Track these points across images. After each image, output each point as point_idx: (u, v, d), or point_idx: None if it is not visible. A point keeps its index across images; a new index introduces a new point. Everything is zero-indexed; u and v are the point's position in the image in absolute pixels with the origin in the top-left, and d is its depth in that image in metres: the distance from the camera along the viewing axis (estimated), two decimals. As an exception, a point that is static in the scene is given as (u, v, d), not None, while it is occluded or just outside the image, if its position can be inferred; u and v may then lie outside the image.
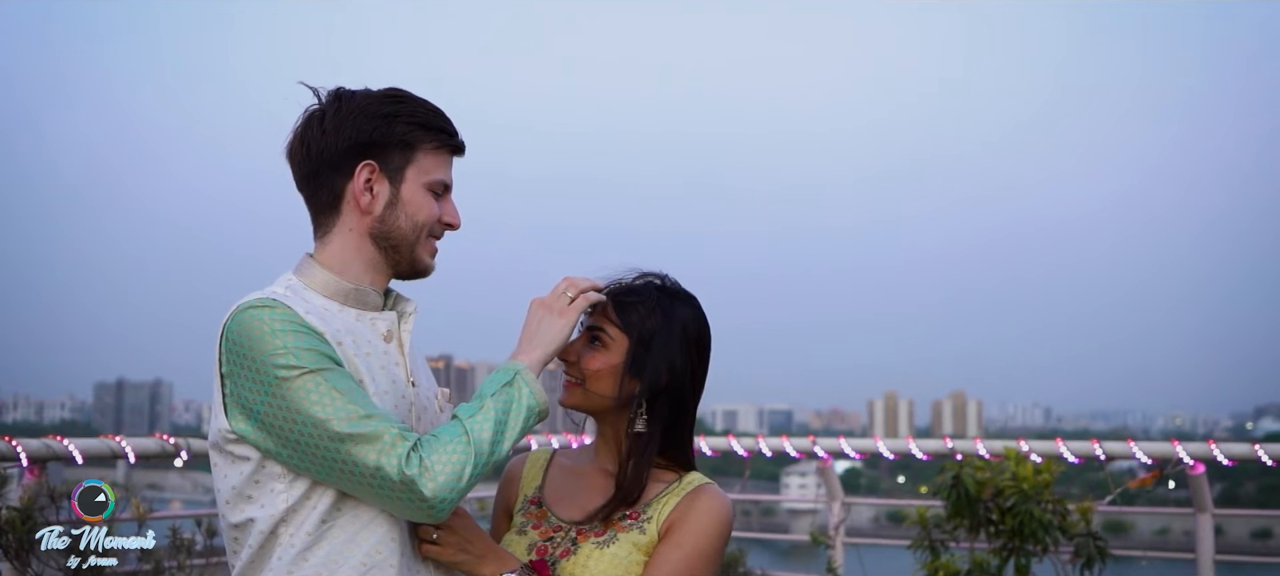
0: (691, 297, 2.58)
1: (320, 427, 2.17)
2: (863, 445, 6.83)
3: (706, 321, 2.58)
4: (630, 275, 2.57)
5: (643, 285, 2.54)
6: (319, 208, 2.41)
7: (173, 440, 5.29)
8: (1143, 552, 6.48)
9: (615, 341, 2.47)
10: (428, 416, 2.44)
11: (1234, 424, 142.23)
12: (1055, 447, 6.13)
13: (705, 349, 2.56)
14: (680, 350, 2.49)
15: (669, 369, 2.47)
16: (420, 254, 2.43)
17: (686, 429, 2.56)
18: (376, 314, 2.41)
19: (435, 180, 2.41)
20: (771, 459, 7.10)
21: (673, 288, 2.56)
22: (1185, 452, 6.00)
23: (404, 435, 2.18)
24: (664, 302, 2.52)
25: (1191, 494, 6.16)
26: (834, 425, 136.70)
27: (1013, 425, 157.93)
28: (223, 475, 2.30)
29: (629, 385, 2.47)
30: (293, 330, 2.21)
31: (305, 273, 2.40)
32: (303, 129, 2.39)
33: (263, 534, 2.25)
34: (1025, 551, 5.74)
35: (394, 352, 2.40)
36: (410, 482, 2.15)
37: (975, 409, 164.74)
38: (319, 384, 2.18)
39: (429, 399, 2.47)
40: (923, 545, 6.00)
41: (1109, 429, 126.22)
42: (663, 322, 2.49)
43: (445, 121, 2.43)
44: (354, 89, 2.41)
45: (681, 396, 2.50)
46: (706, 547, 2.41)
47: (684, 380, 2.50)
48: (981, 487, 5.72)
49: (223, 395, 2.26)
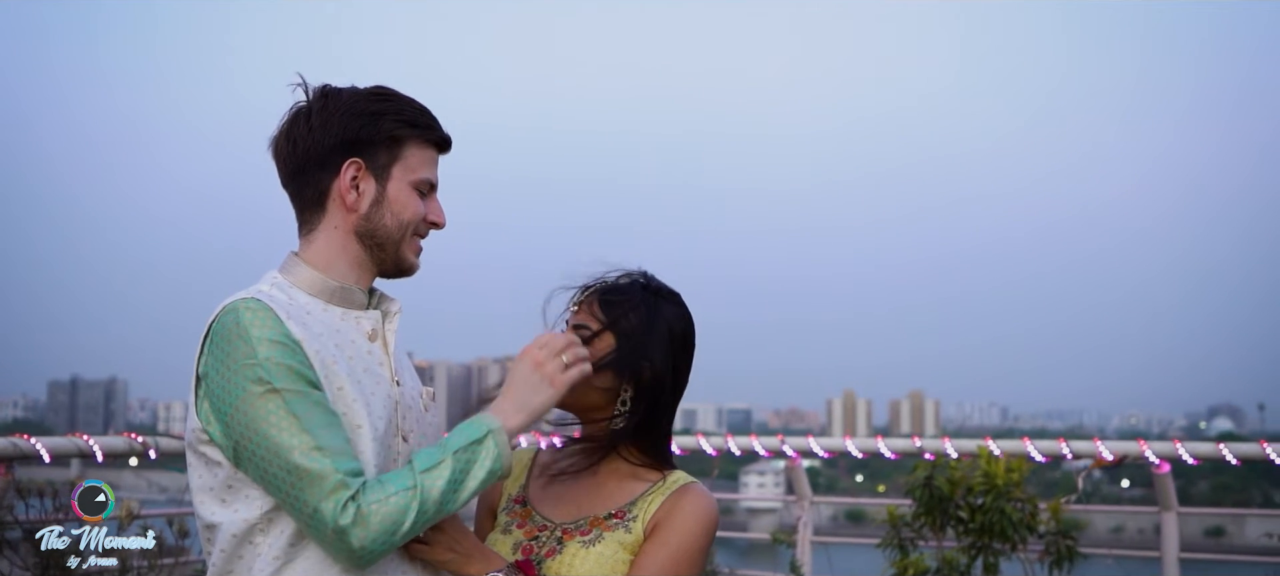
0: (676, 295, 2.57)
1: (272, 452, 2.15)
2: (832, 444, 6.84)
3: (691, 319, 2.57)
4: (613, 272, 2.57)
5: (628, 283, 2.53)
6: (304, 205, 2.39)
7: (141, 439, 5.24)
8: (1108, 550, 6.53)
9: (600, 340, 2.46)
10: (413, 415, 2.42)
11: (1188, 423, 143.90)
12: (1022, 447, 6.16)
13: (690, 347, 2.55)
14: (666, 348, 2.49)
15: (654, 367, 2.46)
16: (405, 252, 2.41)
17: (668, 427, 2.56)
18: (361, 312, 2.40)
19: (421, 178, 2.39)
20: (730, 458, 7.09)
21: (657, 285, 2.56)
22: (1151, 451, 6.05)
23: (347, 481, 2.13)
24: (649, 300, 2.51)
25: (1156, 492, 6.22)
26: (793, 424, 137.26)
27: (970, 424, 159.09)
28: (197, 474, 2.28)
29: (613, 381, 2.46)
30: (272, 340, 2.19)
31: (290, 271, 2.38)
32: (289, 126, 2.37)
33: (235, 538, 2.23)
34: (993, 549, 5.78)
35: (378, 352, 2.38)
36: (342, 532, 2.12)
37: (933, 408, 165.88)
38: (280, 406, 2.15)
39: (414, 398, 2.45)
40: (892, 543, 6.02)
41: (1065, 428, 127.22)
42: (649, 321, 2.48)
43: (431, 120, 2.42)
44: (341, 86, 2.39)
45: (664, 394, 2.49)
46: (692, 546, 2.41)
47: (667, 378, 2.50)
48: (953, 486, 5.75)
49: (196, 395, 2.25)
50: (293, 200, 2.42)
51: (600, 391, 2.46)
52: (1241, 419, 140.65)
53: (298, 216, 2.42)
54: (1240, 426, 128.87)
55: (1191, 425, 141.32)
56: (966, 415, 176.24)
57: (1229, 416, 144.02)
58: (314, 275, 2.36)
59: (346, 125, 2.33)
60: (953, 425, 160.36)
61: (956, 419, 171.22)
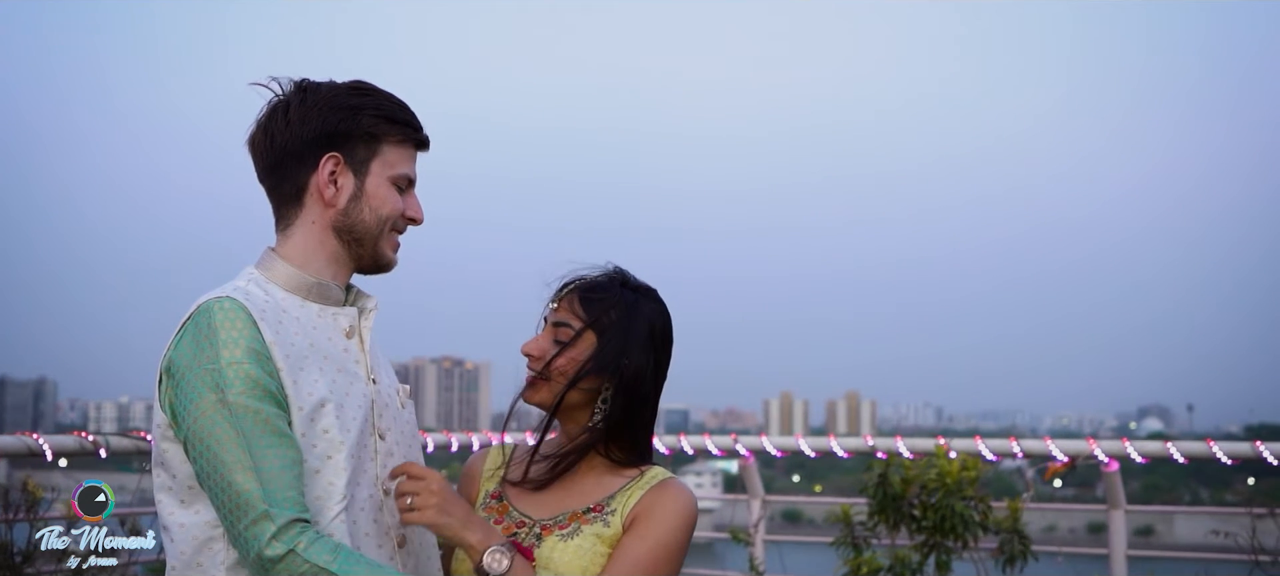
0: (653, 291, 2.56)
1: (212, 464, 2.14)
2: (785, 443, 6.87)
3: (669, 316, 2.57)
4: (589, 270, 2.55)
5: (606, 280, 2.52)
6: (281, 199, 2.37)
7: (92, 438, 5.16)
8: (1058, 548, 6.61)
9: (582, 338, 2.45)
10: (389, 414, 2.40)
11: (1119, 424, 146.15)
12: (974, 446, 6.22)
13: (669, 343, 2.55)
14: (646, 345, 2.49)
15: (634, 364, 2.46)
16: (383, 248, 2.39)
17: (649, 422, 2.55)
18: (339, 309, 2.38)
19: (400, 174, 2.38)
20: (670, 456, 7.09)
21: (634, 282, 2.55)
22: (1100, 450, 6.13)
23: (272, 513, 2.10)
24: (628, 297, 2.50)
25: (1105, 491, 6.30)
26: (729, 424, 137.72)
27: (905, 424, 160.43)
28: (158, 474, 2.27)
29: (594, 381, 2.45)
30: (238, 344, 2.17)
31: (267, 266, 2.36)
32: (266, 120, 2.35)
33: (195, 541, 2.22)
34: (945, 548, 5.82)
35: (355, 349, 2.37)
36: (265, 563, 2.10)
37: (869, 409, 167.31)
38: (226, 419, 2.14)
39: (390, 395, 2.44)
40: (846, 542, 6.05)
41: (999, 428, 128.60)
42: (629, 318, 2.48)
43: (411, 115, 2.40)
44: (319, 81, 2.37)
45: (644, 391, 2.49)
46: (671, 541, 2.40)
47: (647, 375, 2.50)
48: (907, 485, 5.79)
49: (160, 388, 2.23)
50: (269, 195, 2.40)
51: (582, 392, 2.46)
52: (1171, 419, 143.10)
53: (275, 211, 2.39)
54: (1170, 426, 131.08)
55: (1122, 425, 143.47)
56: (902, 415, 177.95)
57: (1159, 416, 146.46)
58: (291, 271, 2.34)
59: (325, 119, 2.32)
60: (888, 425, 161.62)
61: (893, 419, 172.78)
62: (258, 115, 2.36)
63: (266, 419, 2.15)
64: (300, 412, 2.21)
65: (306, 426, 2.22)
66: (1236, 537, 5.61)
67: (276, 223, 2.39)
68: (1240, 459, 6.26)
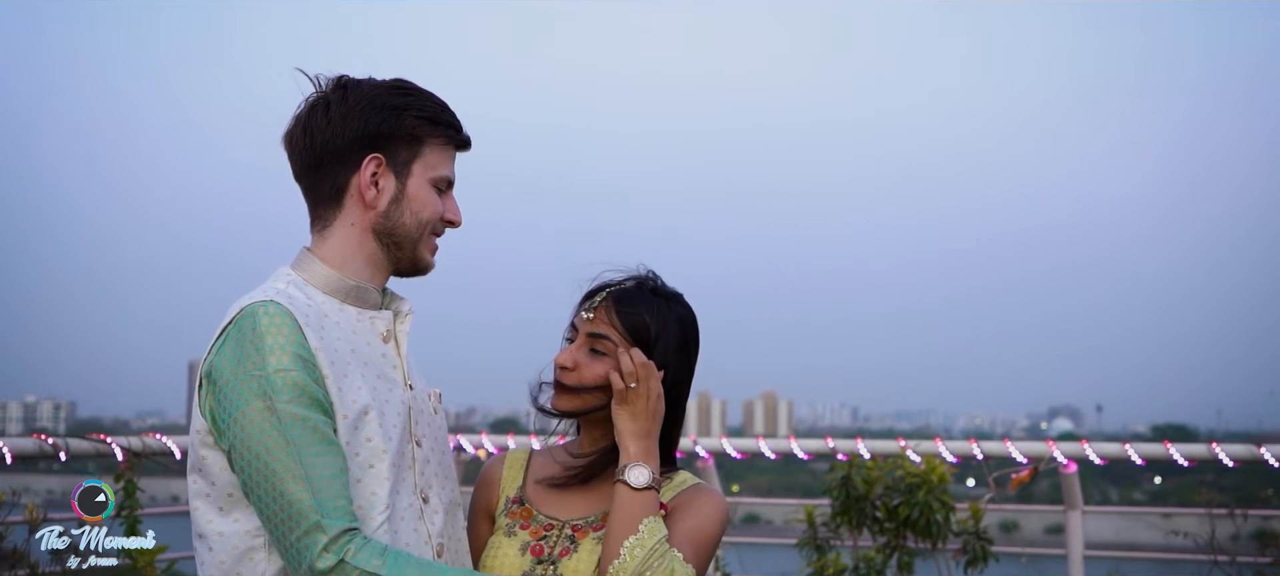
0: (680, 296, 2.56)
1: (262, 473, 2.09)
2: (744, 445, 6.88)
3: (696, 320, 2.56)
4: (617, 274, 2.54)
5: (636, 288, 2.51)
6: (319, 199, 2.32)
7: (52, 441, 5.05)
8: (1021, 548, 6.72)
9: (618, 347, 2.43)
10: (423, 420, 2.37)
11: (1030, 424, 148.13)
12: (934, 447, 6.28)
13: (697, 346, 2.55)
14: (679, 352, 2.48)
15: (670, 373, 2.44)
16: (422, 251, 2.36)
17: (676, 429, 2.54)
18: (376, 312, 2.34)
19: (440, 176, 2.35)
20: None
21: (663, 287, 2.54)
22: (1059, 452, 6.24)
23: (323, 524, 2.06)
24: (660, 304, 2.49)
25: (1063, 492, 6.40)
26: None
27: (821, 424, 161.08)
28: (195, 481, 2.21)
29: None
30: (285, 351, 2.12)
31: (305, 268, 2.31)
32: (306, 116, 2.30)
33: (235, 551, 2.17)
34: (907, 548, 5.89)
35: (392, 354, 2.33)
36: (316, 574, 2.07)
37: (786, 408, 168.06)
38: (275, 426, 2.09)
39: (424, 401, 2.40)
40: (809, 543, 6.09)
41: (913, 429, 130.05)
42: (662, 326, 2.46)
43: (453, 116, 2.37)
44: (359, 78, 2.33)
45: (677, 397, 2.48)
46: (703, 535, 2.39)
47: (680, 381, 2.49)
48: (870, 486, 5.85)
49: (200, 394, 2.17)
50: (306, 195, 2.35)
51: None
52: (1080, 419, 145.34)
53: (311, 212, 2.35)
54: (1079, 426, 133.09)
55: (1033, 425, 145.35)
56: (819, 415, 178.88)
57: (1068, 417, 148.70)
58: (330, 273, 2.30)
59: (368, 119, 2.27)
60: (804, 425, 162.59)
61: (809, 419, 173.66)
62: (296, 111, 2.31)
63: (315, 426, 2.11)
64: (345, 420, 2.17)
65: (350, 434, 2.18)
66: (1196, 538, 5.74)
67: (312, 223, 2.34)
68: (1149, 459, 6.56)
